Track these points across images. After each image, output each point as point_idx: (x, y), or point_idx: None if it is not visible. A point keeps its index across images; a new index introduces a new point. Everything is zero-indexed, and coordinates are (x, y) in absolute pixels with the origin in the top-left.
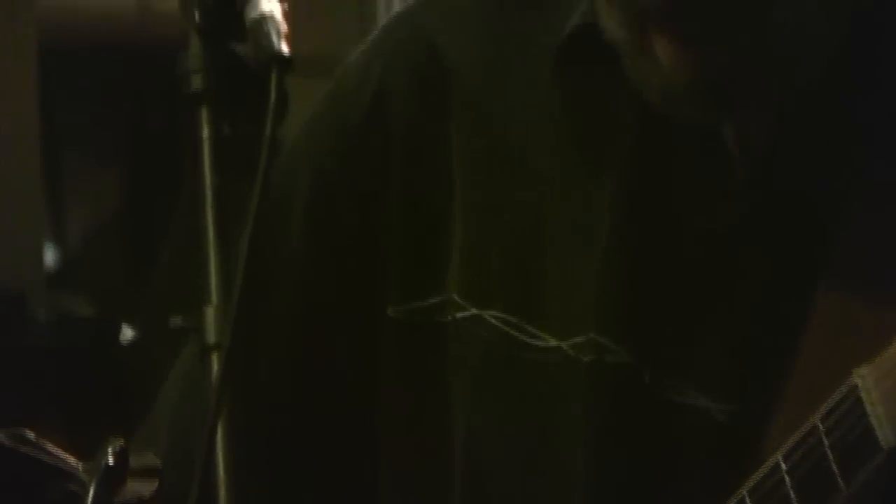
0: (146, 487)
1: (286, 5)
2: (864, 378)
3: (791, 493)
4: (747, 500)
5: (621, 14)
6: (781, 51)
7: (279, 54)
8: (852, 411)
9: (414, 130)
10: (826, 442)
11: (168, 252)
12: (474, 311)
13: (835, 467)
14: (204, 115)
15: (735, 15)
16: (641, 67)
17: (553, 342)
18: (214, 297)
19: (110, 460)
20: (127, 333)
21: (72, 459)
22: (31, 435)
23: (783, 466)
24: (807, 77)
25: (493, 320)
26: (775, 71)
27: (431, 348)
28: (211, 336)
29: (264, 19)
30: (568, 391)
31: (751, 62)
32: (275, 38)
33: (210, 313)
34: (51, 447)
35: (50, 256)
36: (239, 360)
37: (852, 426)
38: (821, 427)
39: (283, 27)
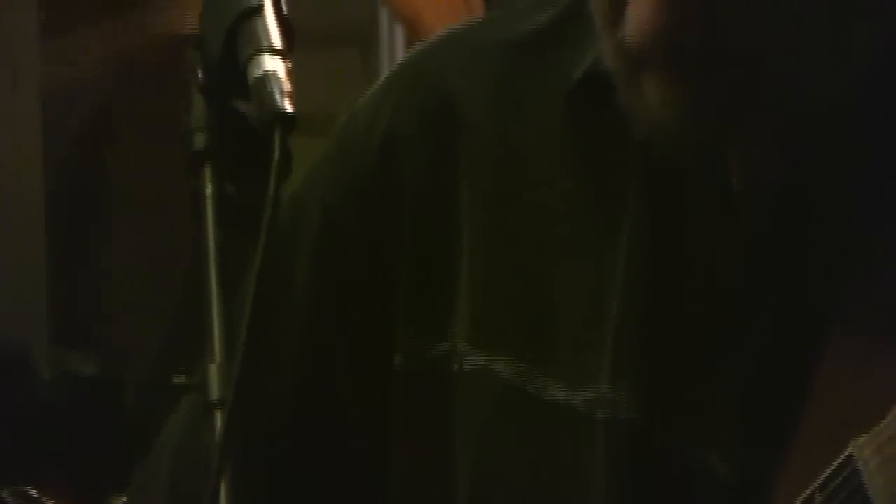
0: None
1: (289, 64)
2: (861, 448)
3: None
4: None
5: (615, 47)
6: (778, 89)
7: (282, 113)
8: (850, 481)
9: (423, 176)
10: None
11: (171, 310)
12: (483, 357)
13: None
14: (207, 173)
15: (727, 53)
16: (633, 100)
17: (563, 392)
18: (217, 354)
19: None
20: (131, 392)
21: None
22: (34, 493)
23: None
24: (811, 115)
25: (502, 368)
26: (773, 109)
27: (438, 399)
28: (214, 393)
29: (267, 78)
30: (579, 446)
31: (745, 101)
32: (278, 97)
33: (213, 370)
34: None
35: (53, 315)
36: (242, 415)
37: (850, 496)
38: (818, 497)
39: (287, 86)
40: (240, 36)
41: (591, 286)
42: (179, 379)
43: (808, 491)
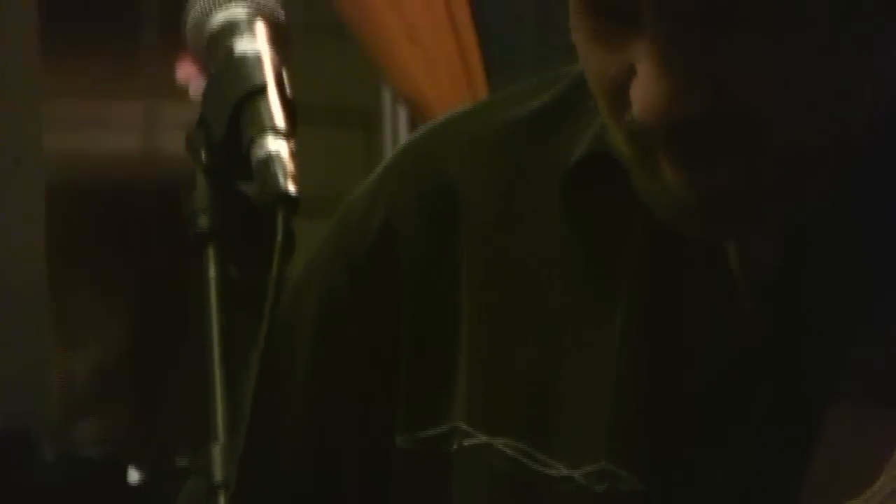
0: None
1: (293, 145)
2: None
3: None
4: None
5: (627, 133)
6: (786, 171)
7: (286, 194)
8: None
9: (422, 261)
10: None
11: (174, 392)
12: (483, 438)
13: None
14: (210, 254)
15: (739, 136)
16: (649, 185)
17: (565, 471)
18: (221, 435)
19: None
20: (134, 474)
21: None
22: None
23: None
24: (813, 199)
25: (502, 448)
26: (785, 187)
27: (439, 477)
28: (217, 475)
29: (271, 159)
30: None
31: (756, 181)
32: (281, 178)
33: (216, 452)
34: None
35: (56, 396)
36: (245, 497)
37: None
38: None
39: (290, 167)
40: (243, 117)
41: (590, 366)
42: (182, 461)
43: None
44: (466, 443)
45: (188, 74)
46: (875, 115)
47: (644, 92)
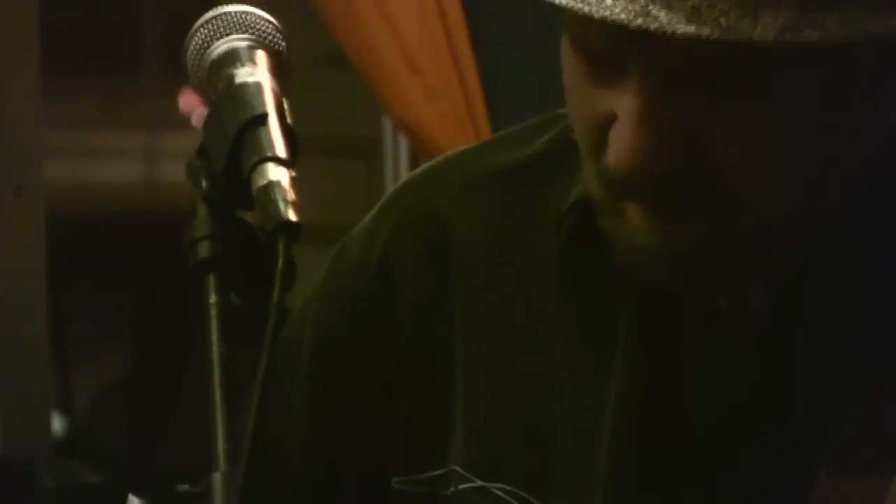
0: None
1: (294, 173)
2: None
3: None
4: None
5: (601, 175)
6: (756, 231)
7: (286, 221)
8: None
9: (419, 305)
10: None
11: (176, 419)
12: (479, 482)
13: None
14: (211, 282)
15: (708, 195)
16: (613, 227)
17: None
18: (222, 463)
19: None
20: (134, 501)
21: None
22: None
23: None
24: (795, 251)
25: (498, 492)
26: (757, 246)
27: None
28: (218, 502)
29: (272, 187)
30: None
31: (723, 239)
32: (282, 206)
33: (217, 479)
34: None
35: (58, 425)
36: None
37: None
38: None
39: (291, 195)
40: (244, 145)
41: (585, 416)
42: (184, 488)
43: None
44: (462, 486)
45: (190, 104)
46: (863, 167)
47: (619, 142)
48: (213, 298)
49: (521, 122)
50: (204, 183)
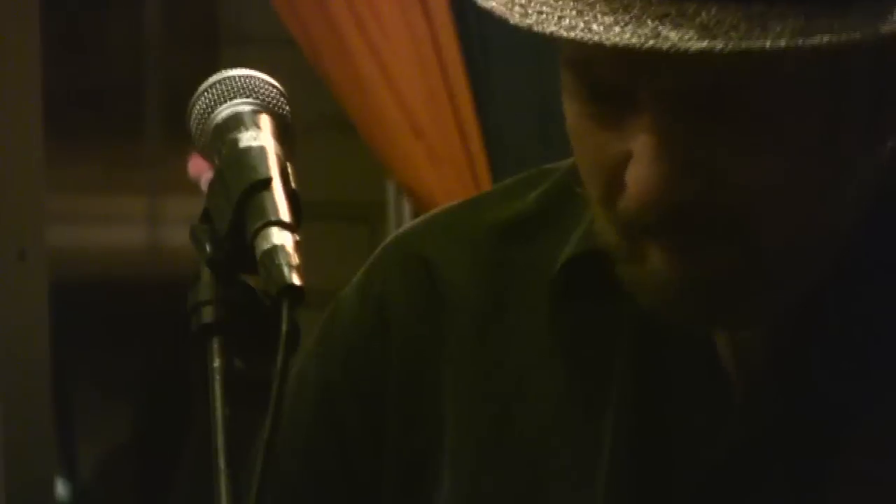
0: None
1: (298, 237)
2: None
3: None
4: None
5: (617, 220)
6: (777, 261)
7: (291, 286)
8: None
9: (410, 355)
10: None
11: (179, 483)
12: None
13: None
14: (215, 346)
15: (731, 225)
16: (634, 272)
17: None
18: None
19: None
20: None
21: None
22: None
23: None
24: (804, 288)
25: None
26: (777, 275)
27: None
28: None
29: (275, 251)
30: None
31: (746, 271)
32: (286, 270)
33: None
34: None
35: (61, 489)
36: None
37: None
38: None
39: (295, 259)
40: (248, 209)
41: (579, 467)
42: None
43: None
44: None
45: (199, 169)
46: (872, 201)
47: (639, 176)
48: (216, 363)
49: None
50: (207, 247)
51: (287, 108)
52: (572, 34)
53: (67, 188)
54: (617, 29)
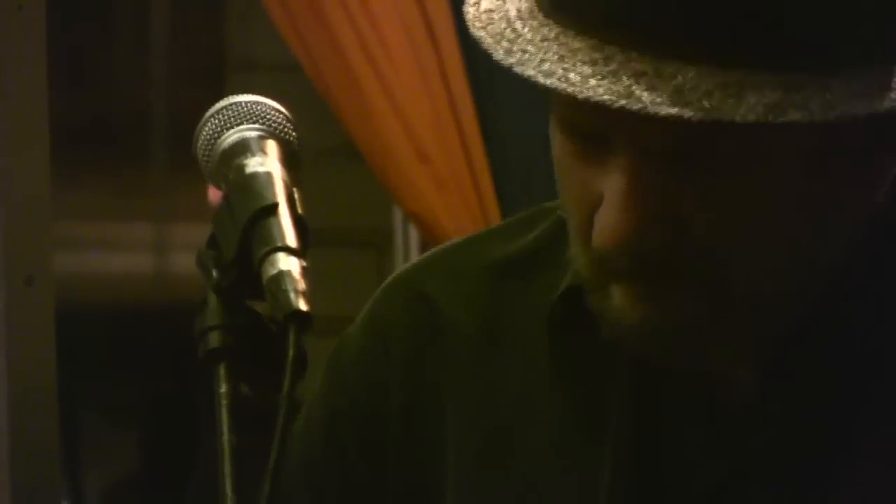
0: None
1: (304, 263)
2: None
3: None
4: None
5: (589, 255)
6: (749, 305)
7: (297, 311)
8: None
9: (411, 390)
10: None
11: None
12: None
13: None
14: (222, 372)
15: (696, 273)
16: (602, 305)
17: None
18: None
19: None
20: None
21: None
22: None
23: None
24: (783, 328)
25: None
26: (744, 323)
27: None
28: None
29: (282, 276)
30: None
31: (715, 315)
32: (293, 296)
33: None
34: None
35: None
36: None
37: None
38: None
39: (302, 285)
40: (255, 235)
41: (577, 497)
42: None
43: None
44: None
45: (218, 196)
46: (853, 246)
47: (607, 221)
48: (223, 388)
49: None
50: (214, 273)
51: (294, 133)
52: (548, 81)
53: (74, 215)
54: (593, 82)
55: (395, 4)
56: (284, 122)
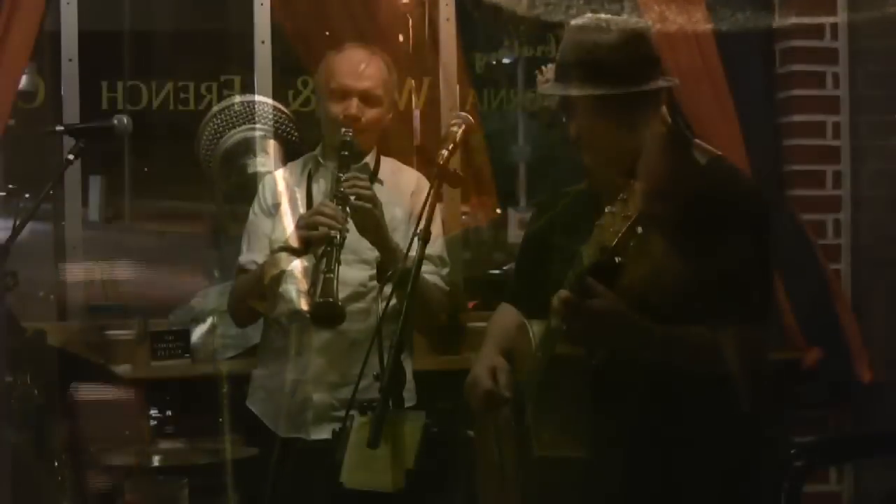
0: None
1: (306, 263)
2: None
3: None
4: None
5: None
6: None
7: (295, 312)
8: None
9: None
10: None
11: None
12: None
13: None
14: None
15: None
16: None
17: None
18: None
19: None
20: None
21: None
22: None
23: None
24: None
25: None
26: None
27: None
28: None
29: (284, 276)
30: None
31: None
32: (294, 295)
33: None
34: None
35: None
36: None
37: None
38: None
39: (303, 284)
40: None
41: None
42: None
43: None
44: None
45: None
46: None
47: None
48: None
49: None
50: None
51: (296, 133)
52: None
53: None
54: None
55: None
56: (287, 122)
